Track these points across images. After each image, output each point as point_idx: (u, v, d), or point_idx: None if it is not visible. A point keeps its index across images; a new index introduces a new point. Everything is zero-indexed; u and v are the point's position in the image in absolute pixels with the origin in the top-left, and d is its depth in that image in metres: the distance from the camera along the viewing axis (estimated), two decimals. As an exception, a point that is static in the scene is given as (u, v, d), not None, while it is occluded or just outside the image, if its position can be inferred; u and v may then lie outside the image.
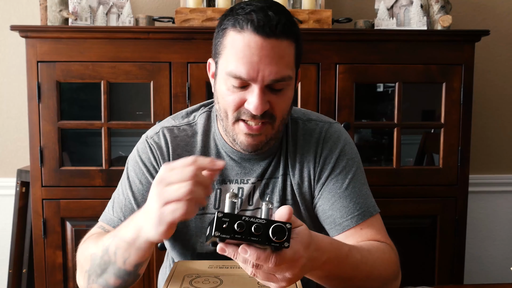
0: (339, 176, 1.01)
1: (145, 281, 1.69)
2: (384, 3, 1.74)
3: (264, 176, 1.03)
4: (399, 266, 0.97)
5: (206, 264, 0.92)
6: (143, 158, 1.03)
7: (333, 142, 1.04)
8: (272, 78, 0.88)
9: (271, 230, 0.65)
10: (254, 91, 0.88)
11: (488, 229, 2.22)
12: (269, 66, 0.87)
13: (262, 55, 0.86)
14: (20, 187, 1.86)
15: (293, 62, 0.92)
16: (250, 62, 0.86)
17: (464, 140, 1.71)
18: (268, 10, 0.87)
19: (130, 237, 0.81)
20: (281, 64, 0.88)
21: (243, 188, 1.02)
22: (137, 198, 1.01)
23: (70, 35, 1.60)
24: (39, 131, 1.62)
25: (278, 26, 0.86)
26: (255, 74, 0.87)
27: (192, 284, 0.82)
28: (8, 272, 1.86)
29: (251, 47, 0.86)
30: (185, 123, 1.06)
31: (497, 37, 2.12)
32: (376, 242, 0.97)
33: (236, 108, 0.91)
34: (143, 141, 1.05)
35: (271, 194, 1.03)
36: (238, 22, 0.87)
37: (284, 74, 0.89)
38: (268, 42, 0.86)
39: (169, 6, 2.02)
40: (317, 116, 1.10)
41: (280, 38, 0.87)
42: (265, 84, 0.88)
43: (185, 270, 0.88)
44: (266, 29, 0.85)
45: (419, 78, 1.69)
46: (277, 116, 0.93)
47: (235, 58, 0.88)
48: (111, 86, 1.65)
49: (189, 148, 1.03)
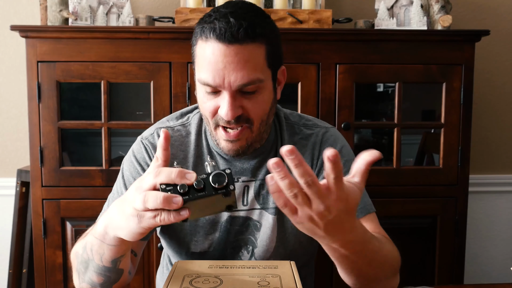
0: None
1: (145, 281, 1.69)
2: (384, 3, 1.74)
3: (258, 176, 1.04)
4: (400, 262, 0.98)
5: (206, 264, 0.92)
6: (138, 158, 1.04)
7: (330, 145, 1.04)
8: (239, 83, 0.89)
9: (211, 179, 0.70)
10: (225, 97, 0.90)
11: (488, 229, 2.22)
12: (234, 72, 0.88)
13: (226, 62, 0.87)
14: (20, 187, 1.86)
15: (263, 64, 0.92)
16: (216, 70, 0.88)
17: (464, 140, 1.71)
18: (231, 16, 0.88)
19: (100, 234, 0.82)
20: (248, 68, 0.89)
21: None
22: None
23: (70, 35, 1.60)
24: (39, 131, 1.62)
25: (240, 31, 0.87)
26: (221, 81, 0.88)
27: (192, 284, 0.82)
28: (8, 272, 1.86)
29: (216, 55, 0.88)
30: (179, 123, 1.08)
31: (497, 37, 2.12)
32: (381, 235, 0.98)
33: (212, 115, 0.94)
34: (138, 142, 1.07)
35: (266, 195, 1.03)
36: (204, 31, 0.89)
37: (252, 77, 0.89)
38: (231, 49, 0.87)
39: (169, 6, 2.03)
40: (313, 121, 1.11)
41: (244, 43, 0.88)
42: (234, 89, 0.89)
43: (185, 270, 0.88)
44: (228, 36, 0.87)
45: (419, 78, 1.69)
46: (254, 119, 0.94)
47: (203, 67, 0.90)
48: (111, 86, 1.65)
49: (184, 148, 1.05)
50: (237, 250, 1.04)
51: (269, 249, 1.03)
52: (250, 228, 1.03)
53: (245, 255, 1.04)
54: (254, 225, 1.03)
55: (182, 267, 0.90)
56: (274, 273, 0.87)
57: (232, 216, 1.03)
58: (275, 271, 0.88)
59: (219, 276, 0.85)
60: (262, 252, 1.03)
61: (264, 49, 0.91)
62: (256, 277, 0.85)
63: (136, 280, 1.68)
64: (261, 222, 1.03)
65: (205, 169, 1.01)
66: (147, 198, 0.69)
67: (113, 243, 0.82)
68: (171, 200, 0.68)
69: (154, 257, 1.67)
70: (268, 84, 0.94)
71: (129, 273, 0.96)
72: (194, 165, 1.03)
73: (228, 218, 1.03)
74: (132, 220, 0.73)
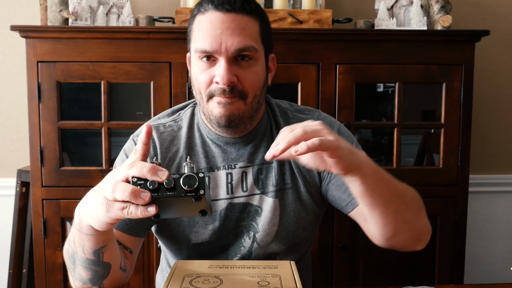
0: None
1: (145, 281, 1.69)
2: (384, 3, 1.74)
3: (255, 161, 1.05)
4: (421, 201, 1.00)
5: (205, 264, 0.92)
6: (127, 153, 1.07)
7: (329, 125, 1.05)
8: (235, 47, 0.93)
9: (181, 181, 0.69)
10: (221, 63, 0.93)
11: (488, 229, 2.22)
12: (231, 37, 0.93)
13: (224, 28, 0.93)
14: (20, 187, 1.86)
15: (257, 36, 0.97)
16: (213, 36, 0.93)
17: (464, 140, 1.71)
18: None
19: (77, 222, 0.82)
20: (244, 35, 0.94)
21: (231, 173, 1.05)
22: None
23: (70, 35, 1.60)
24: (39, 131, 1.62)
25: (236, 1, 0.94)
26: (218, 46, 0.93)
27: (192, 284, 0.82)
28: (8, 272, 1.87)
29: (213, 22, 0.93)
30: (170, 120, 1.10)
31: (497, 37, 2.12)
32: None
33: (207, 86, 0.96)
34: (129, 140, 1.10)
35: (265, 180, 1.05)
36: (202, 5, 0.96)
37: (247, 43, 0.94)
38: (229, 16, 0.93)
39: (169, 6, 2.03)
40: (303, 107, 1.15)
41: (240, 13, 0.94)
42: (230, 55, 0.93)
43: (185, 270, 0.88)
44: (226, 5, 0.93)
45: (419, 78, 1.69)
46: (248, 91, 0.96)
47: (200, 36, 0.95)
48: (111, 86, 1.65)
49: (176, 142, 1.06)
50: (239, 237, 1.05)
51: (270, 233, 1.04)
52: (251, 213, 1.04)
53: (246, 241, 1.05)
54: (255, 211, 1.04)
55: (182, 267, 0.90)
56: (274, 273, 0.87)
57: (231, 202, 1.04)
58: (275, 271, 0.88)
59: (219, 276, 0.86)
60: (264, 236, 1.04)
61: (258, 25, 0.97)
62: (256, 277, 0.85)
63: (136, 280, 1.68)
64: (261, 207, 1.04)
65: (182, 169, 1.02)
66: (117, 188, 0.70)
67: (88, 232, 0.81)
68: (138, 194, 0.69)
69: (154, 257, 1.67)
70: (261, 58, 0.98)
71: (123, 270, 0.95)
72: (187, 156, 1.05)
73: (228, 205, 1.04)
74: (100, 208, 0.73)
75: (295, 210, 1.05)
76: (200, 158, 1.05)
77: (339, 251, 1.70)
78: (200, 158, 1.05)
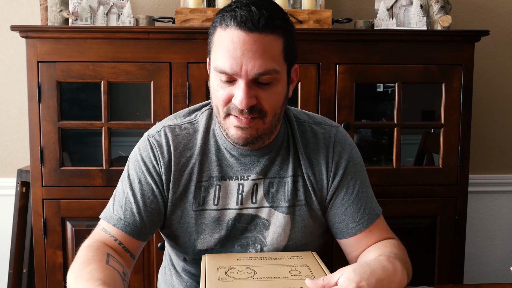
0: (350, 182, 1.06)
1: (145, 281, 1.69)
2: (384, 3, 1.74)
3: (268, 174, 1.04)
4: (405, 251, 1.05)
5: (234, 256, 0.94)
6: (143, 156, 1.04)
7: (342, 148, 1.07)
8: (256, 71, 0.89)
9: None
10: (240, 85, 0.90)
11: (488, 229, 2.22)
12: (252, 60, 0.88)
13: (245, 50, 0.88)
14: (21, 187, 1.86)
15: (280, 57, 0.92)
16: (234, 57, 0.88)
17: (464, 140, 1.71)
18: (252, 5, 0.89)
19: None
20: (265, 57, 0.89)
21: (243, 184, 1.03)
22: (137, 197, 1.01)
23: (71, 35, 1.60)
24: (39, 131, 1.62)
25: (260, 20, 0.88)
26: (239, 69, 0.89)
27: (228, 274, 0.84)
28: (9, 272, 1.87)
29: (234, 42, 0.88)
30: (186, 121, 1.07)
31: (497, 37, 2.12)
32: (391, 240, 1.06)
33: (225, 104, 0.93)
34: (144, 139, 1.06)
35: (276, 194, 1.03)
36: (224, 19, 0.90)
37: (268, 67, 0.90)
38: (251, 37, 0.88)
39: (169, 6, 2.03)
40: (322, 119, 1.12)
41: (264, 33, 0.89)
42: (250, 78, 0.90)
43: (216, 263, 0.90)
44: (248, 24, 0.87)
45: (419, 78, 1.69)
46: (268, 111, 0.94)
47: (221, 54, 0.90)
48: (111, 86, 1.65)
49: (190, 146, 1.04)
50: (244, 248, 1.04)
51: (279, 247, 1.04)
52: (259, 226, 1.03)
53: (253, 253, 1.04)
54: (262, 224, 1.03)
55: (212, 260, 0.92)
56: (302, 263, 0.90)
57: (239, 213, 1.03)
58: (302, 261, 0.92)
59: (251, 267, 0.88)
60: (272, 250, 1.04)
61: (282, 42, 0.92)
62: (286, 267, 0.88)
63: (136, 280, 1.68)
64: (270, 220, 1.03)
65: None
66: None
67: None
68: None
69: (154, 257, 1.67)
70: (283, 77, 0.95)
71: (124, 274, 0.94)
72: (200, 163, 1.03)
73: (236, 216, 1.02)
74: None
75: (307, 226, 1.05)
76: (213, 166, 1.03)
77: (339, 251, 1.70)
78: (213, 166, 1.03)
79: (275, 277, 0.83)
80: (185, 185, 1.02)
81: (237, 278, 0.83)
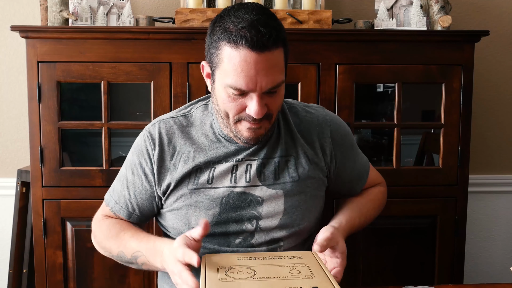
0: (349, 152, 1.22)
1: (145, 281, 1.69)
2: (384, 4, 1.74)
3: (260, 155, 1.12)
4: (386, 191, 1.35)
5: (234, 256, 0.95)
6: (137, 148, 1.15)
7: (335, 123, 1.21)
8: (269, 86, 0.99)
9: None
10: (254, 98, 0.99)
11: (488, 229, 2.22)
12: (265, 78, 0.97)
13: (259, 69, 0.96)
14: (21, 187, 1.86)
15: (283, 65, 1.03)
16: (249, 76, 0.97)
17: (464, 140, 1.71)
18: (259, 25, 0.95)
19: (156, 266, 1.04)
20: (276, 72, 0.99)
21: (237, 165, 1.11)
22: (129, 188, 1.15)
23: (71, 35, 1.60)
24: (39, 131, 1.62)
25: (270, 40, 0.96)
26: (254, 86, 0.98)
27: (227, 274, 0.85)
28: (9, 272, 1.87)
29: (248, 62, 0.96)
30: (181, 114, 1.17)
31: (497, 37, 2.12)
32: (374, 188, 1.31)
33: (237, 113, 1.03)
34: (142, 132, 1.17)
35: (268, 172, 1.11)
36: (232, 38, 0.96)
37: (278, 80, 1.00)
38: (263, 56, 0.96)
39: (169, 7, 2.03)
40: (308, 104, 1.26)
41: (272, 49, 0.97)
42: (262, 91, 0.99)
43: (216, 263, 0.91)
44: (260, 45, 0.95)
45: (419, 78, 1.69)
46: (273, 113, 1.06)
47: (234, 73, 0.97)
48: (111, 86, 1.65)
49: (184, 136, 1.13)
50: (239, 224, 1.09)
51: (274, 221, 1.10)
52: (252, 203, 1.09)
53: (248, 227, 1.09)
54: (256, 201, 1.09)
55: (212, 260, 0.93)
56: (302, 263, 0.91)
57: (233, 191, 1.09)
58: (301, 260, 0.93)
59: (251, 267, 0.89)
60: (267, 224, 1.09)
61: (283, 52, 1.02)
62: (286, 266, 0.89)
63: (136, 280, 1.69)
64: (263, 197, 1.09)
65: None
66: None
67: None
68: None
69: (154, 257, 1.67)
70: (284, 81, 1.05)
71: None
72: (195, 153, 1.10)
73: (229, 193, 1.09)
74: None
75: (299, 200, 1.11)
76: (209, 152, 1.11)
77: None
78: (209, 152, 1.11)
79: (275, 277, 0.83)
80: (181, 170, 1.10)
81: (237, 278, 0.83)
